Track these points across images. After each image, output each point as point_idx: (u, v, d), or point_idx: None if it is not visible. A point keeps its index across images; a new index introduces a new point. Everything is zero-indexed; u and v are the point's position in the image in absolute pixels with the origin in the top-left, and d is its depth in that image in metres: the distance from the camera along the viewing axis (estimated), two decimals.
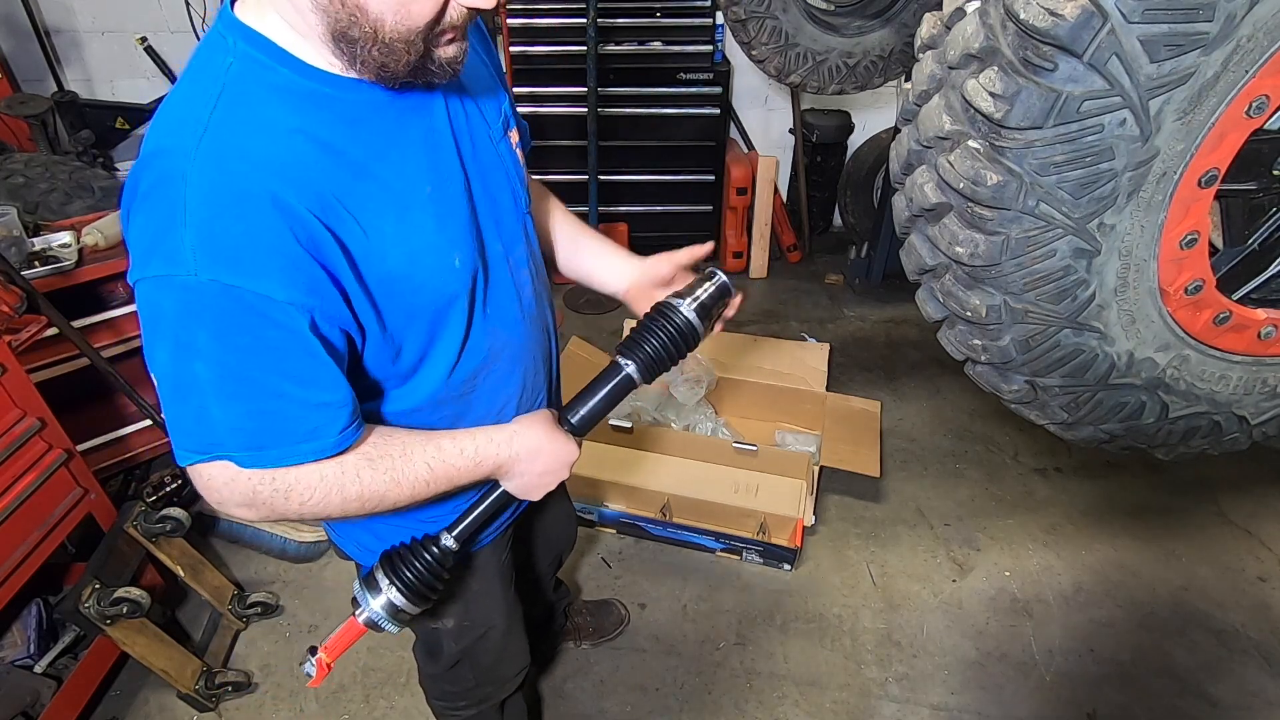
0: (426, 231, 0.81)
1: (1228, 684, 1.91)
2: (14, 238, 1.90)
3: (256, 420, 0.74)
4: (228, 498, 0.78)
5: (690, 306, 0.99)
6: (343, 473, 0.80)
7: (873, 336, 3.24)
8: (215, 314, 0.68)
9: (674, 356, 1.00)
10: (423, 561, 0.92)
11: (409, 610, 0.91)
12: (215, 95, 0.70)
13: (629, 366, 0.98)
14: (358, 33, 0.69)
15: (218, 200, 0.67)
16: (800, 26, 2.68)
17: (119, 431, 2.24)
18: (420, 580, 0.91)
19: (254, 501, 0.78)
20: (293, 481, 0.78)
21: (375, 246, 0.77)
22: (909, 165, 1.20)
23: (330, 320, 0.75)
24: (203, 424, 0.74)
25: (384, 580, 0.91)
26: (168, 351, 0.71)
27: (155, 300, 0.69)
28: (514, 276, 0.96)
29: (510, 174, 0.95)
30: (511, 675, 1.36)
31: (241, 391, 0.72)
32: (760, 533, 2.16)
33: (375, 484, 0.82)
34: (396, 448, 0.84)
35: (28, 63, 3.38)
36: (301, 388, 0.74)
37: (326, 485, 0.79)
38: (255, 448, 0.74)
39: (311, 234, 0.71)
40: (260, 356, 0.71)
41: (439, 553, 0.93)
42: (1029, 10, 0.89)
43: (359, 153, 0.75)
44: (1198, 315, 1.15)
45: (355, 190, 0.75)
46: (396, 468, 0.83)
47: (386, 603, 0.90)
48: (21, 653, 1.72)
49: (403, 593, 0.90)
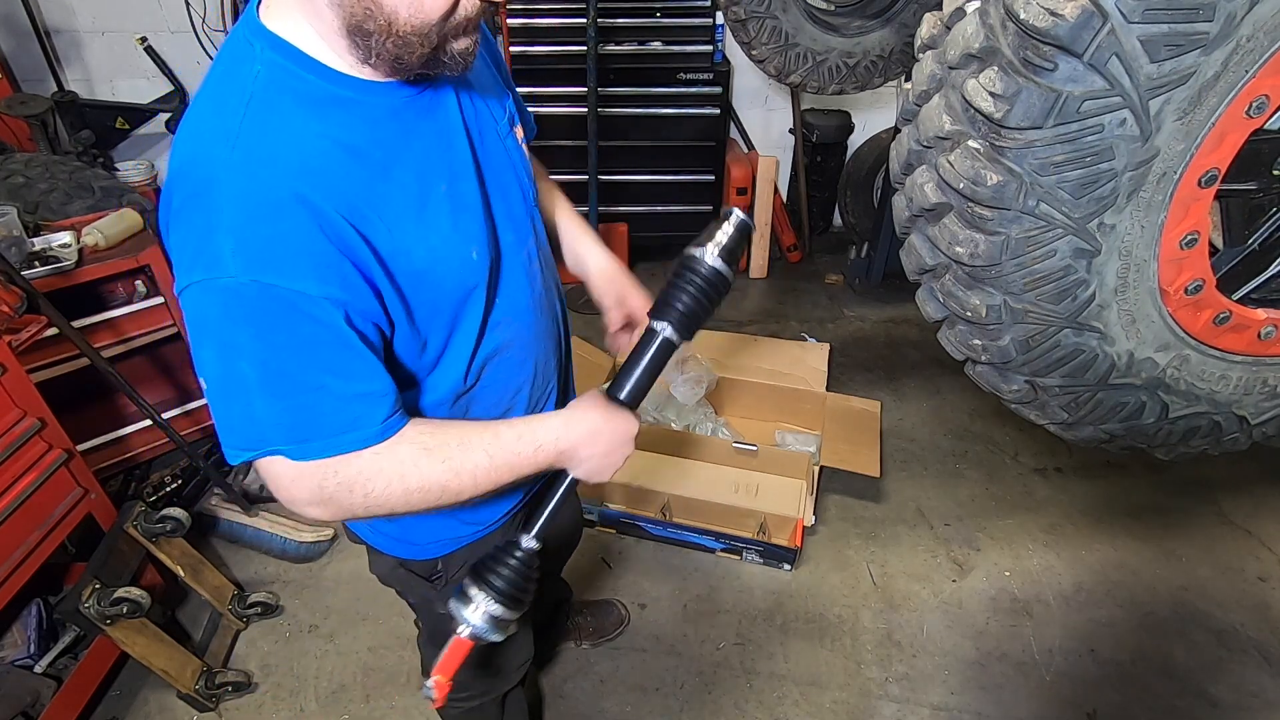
0: (444, 227, 0.83)
1: (1228, 684, 1.91)
2: (14, 238, 1.90)
3: (299, 414, 0.76)
4: (297, 495, 0.80)
5: (714, 254, 0.95)
6: (400, 463, 0.81)
7: (873, 336, 3.24)
8: (256, 313, 0.71)
9: (708, 309, 0.97)
10: (510, 568, 0.92)
11: (508, 618, 0.91)
12: (244, 104, 0.72)
13: (665, 329, 0.97)
14: (373, 26, 0.71)
15: (251, 205, 0.70)
16: (800, 26, 2.68)
17: (119, 431, 2.24)
18: (513, 586, 0.91)
19: (321, 498, 0.80)
20: (354, 475, 0.79)
21: (400, 244, 0.79)
22: (909, 165, 1.20)
23: (364, 315, 0.77)
24: (250, 420, 0.76)
25: (478, 594, 0.90)
26: (214, 352, 0.74)
27: (200, 305, 0.72)
28: (526, 267, 0.98)
29: (517, 168, 0.97)
30: (515, 667, 1.37)
31: (284, 387, 0.74)
32: (760, 533, 2.16)
33: (435, 474, 0.82)
34: (453, 438, 0.85)
35: (28, 63, 3.38)
36: (341, 380, 0.76)
37: (387, 477, 0.80)
38: (300, 440, 0.76)
39: (340, 234, 0.73)
40: (300, 351, 0.73)
41: (524, 555, 0.93)
42: (1029, 10, 0.89)
43: (380, 154, 0.78)
44: (1198, 315, 1.16)
45: (378, 191, 0.77)
46: (454, 457, 0.83)
47: (485, 615, 0.90)
48: (21, 653, 1.72)
49: (499, 602, 0.90)
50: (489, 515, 1.14)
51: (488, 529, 1.14)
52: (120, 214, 2.14)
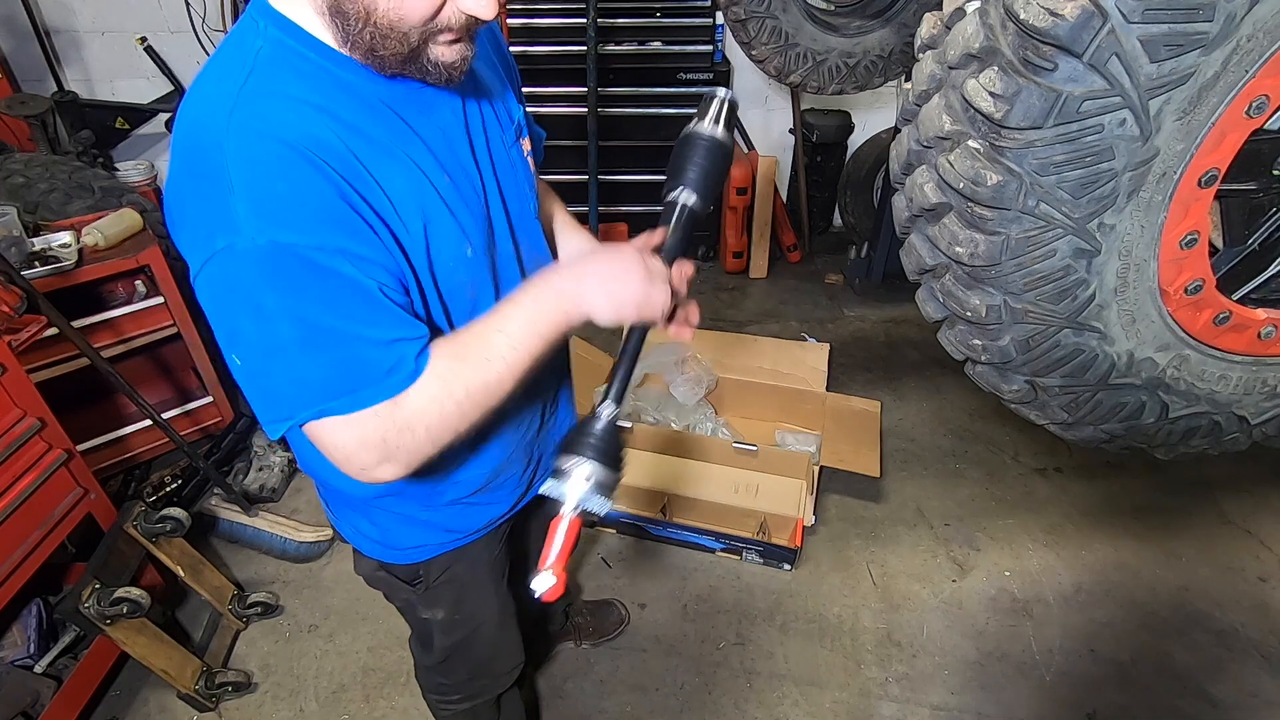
0: (442, 219, 0.83)
1: (1228, 684, 1.91)
2: (14, 238, 1.90)
3: (344, 365, 0.75)
4: (367, 460, 0.78)
5: (710, 125, 0.95)
6: (443, 381, 0.79)
7: (873, 336, 3.23)
8: (282, 273, 0.70)
9: (719, 171, 0.97)
10: (597, 433, 0.89)
11: (610, 480, 0.87)
12: (245, 75, 0.73)
13: (684, 196, 0.96)
14: (350, 9, 0.71)
15: (258, 164, 0.69)
16: (800, 26, 2.68)
17: (119, 431, 2.24)
18: (608, 446, 0.88)
19: (390, 451, 0.78)
20: (409, 415, 0.78)
21: (402, 216, 0.79)
22: (909, 165, 1.20)
23: (380, 267, 0.76)
24: (297, 381, 0.75)
25: (573, 464, 0.87)
26: (249, 320, 0.72)
27: (227, 275, 0.71)
28: (525, 275, 0.98)
29: (520, 178, 0.97)
30: (505, 671, 1.37)
31: (325, 340, 0.73)
32: (760, 533, 2.16)
33: (475, 374, 0.81)
34: (467, 335, 0.83)
35: (28, 63, 3.38)
36: (374, 328, 0.75)
37: (439, 400, 0.79)
38: (349, 392, 0.75)
39: (344, 191, 0.73)
40: (330, 305, 0.73)
41: (607, 419, 0.90)
42: (1029, 10, 0.89)
43: (383, 135, 0.78)
44: (1198, 315, 1.16)
45: (379, 163, 0.77)
46: (480, 351, 0.81)
47: (590, 482, 0.86)
48: (21, 653, 1.72)
49: (600, 464, 0.87)
50: (471, 524, 1.13)
51: (468, 538, 1.14)
52: (120, 214, 2.14)
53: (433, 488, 1.04)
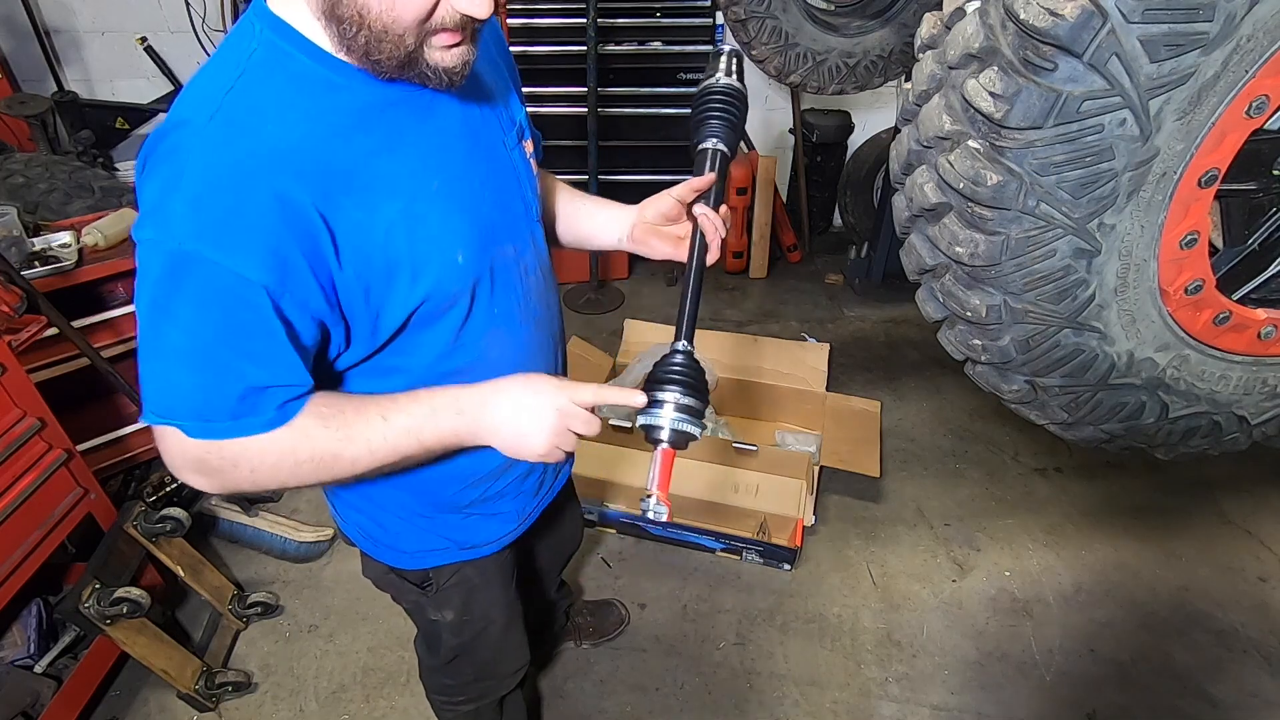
0: (431, 223, 0.82)
1: (1228, 684, 1.91)
2: (14, 238, 1.90)
3: (210, 392, 0.75)
4: (181, 464, 0.79)
5: (725, 75, 1.01)
6: (294, 436, 0.79)
7: (873, 336, 3.24)
8: (191, 283, 0.70)
9: (741, 118, 1.02)
10: (678, 366, 0.91)
11: (698, 406, 0.90)
12: (235, 78, 0.73)
13: (711, 142, 1.00)
14: (344, 13, 0.71)
15: (213, 178, 0.69)
16: (800, 26, 2.68)
17: (119, 431, 2.24)
18: (691, 377, 0.91)
19: (204, 469, 0.79)
20: (240, 452, 0.78)
21: (379, 225, 0.78)
22: (909, 165, 1.20)
23: (301, 307, 0.75)
24: (165, 387, 0.75)
25: (662, 394, 0.90)
26: (146, 310, 0.73)
27: (145, 261, 0.72)
28: (523, 281, 0.97)
29: (522, 181, 0.96)
30: (510, 672, 1.37)
31: (203, 362, 0.74)
32: (760, 533, 2.16)
33: (329, 444, 0.80)
34: (350, 405, 0.82)
35: (28, 63, 3.38)
36: (258, 368, 0.75)
37: (279, 450, 0.79)
38: (203, 419, 0.76)
39: (301, 219, 0.72)
40: (225, 333, 0.73)
41: (682, 354, 0.93)
42: (1029, 10, 0.89)
43: (370, 141, 0.77)
44: (1198, 315, 1.16)
45: (359, 175, 0.76)
46: (350, 424, 0.81)
47: (678, 409, 0.89)
48: (21, 653, 1.72)
49: (686, 393, 0.89)
50: (477, 537, 1.12)
51: (477, 551, 1.14)
52: (120, 214, 2.14)
53: (424, 485, 1.02)
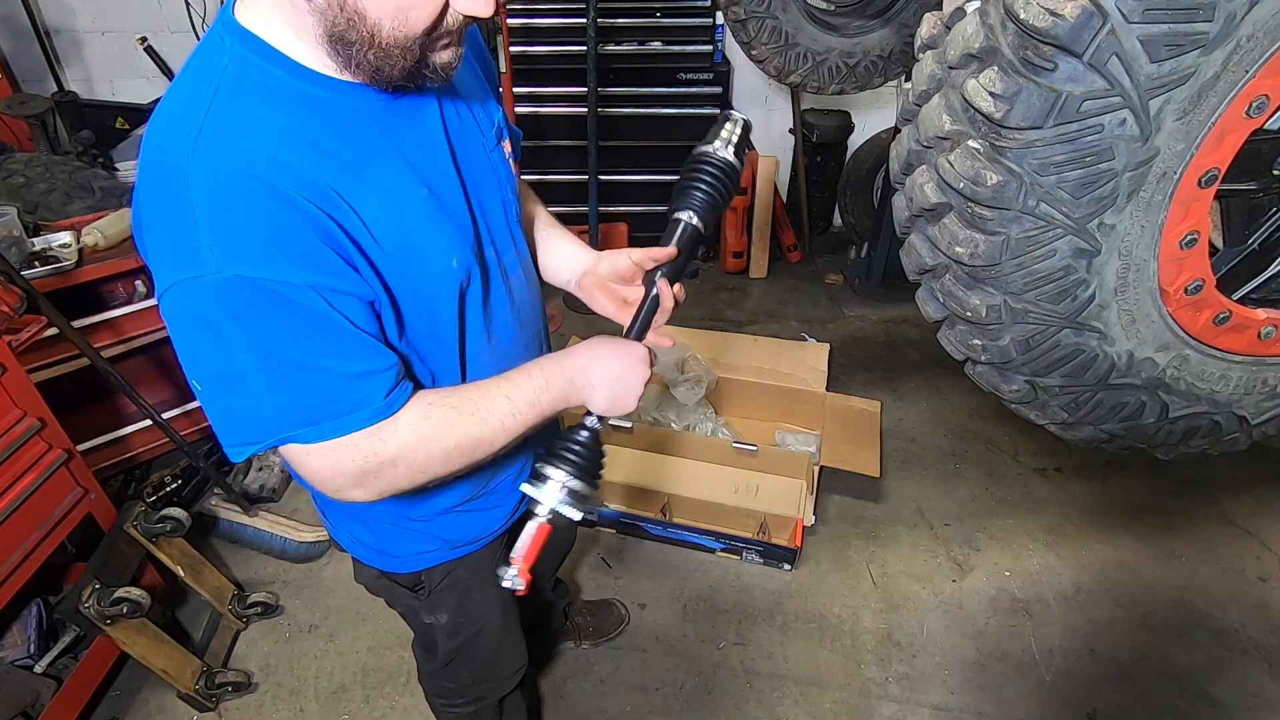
0: (424, 232, 0.82)
1: (1228, 684, 1.91)
2: (14, 238, 1.90)
3: (307, 397, 0.75)
4: (341, 483, 0.80)
5: (724, 149, 0.98)
6: (436, 426, 0.82)
7: (873, 336, 3.24)
8: (246, 307, 0.70)
9: (725, 196, 0.99)
10: (580, 443, 0.92)
11: (585, 491, 0.91)
12: (210, 96, 0.71)
13: (686, 216, 0.98)
14: (354, 36, 0.69)
15: (222, 198, 0.69)
16: (800, 26, 2.68)
17: (119, 431, 2.24)
18: (587, 459, 0.91)
19: (364, 481, 0.80)
20: (396, 451, 0.80)
21: (376, 241, 0.78)
22: (909, 165, 1.20)
23: (352, 297, 0.76)
24: (258, 411, 0.75)
25: (553, 470, 0.90)
26: (210, 349, 0.73)
27: (188, 303, 0.71)
28: (506, 283, 0.97)
29: (502, 182, 0.96)
30: (508, 674, 1.36)
31: (288, 374, 0.74)
32: (760, 533, 2.16)
33: (467, 427, 0.83)
34: (474, 392, 0.86)
35: (28, 63, 3.38)
36: (342, 360, 0.75)
37: (427, 444, 0.81)
38: (313, 423, 0.76)
39: (315, 220, 0.72)
40: (295, 339, 0.73)
41: (589, 432, 0.93)
42: (1029, 10, 0.89)
43: (352, 154, 0.76)
44: (1198, 315, 1.15)
45: (352, 187, 0.76)
46: (480, 408, 0.84)
47: (563, 489, 0.90)
48: (21, 653, 1.72)
49: (576, 475, 0.90)
50: (469, 533, 1.12)
51: (469, 548, 1.14)
52: (120, 214, 2.14)
53: (424, 496, 1.02)
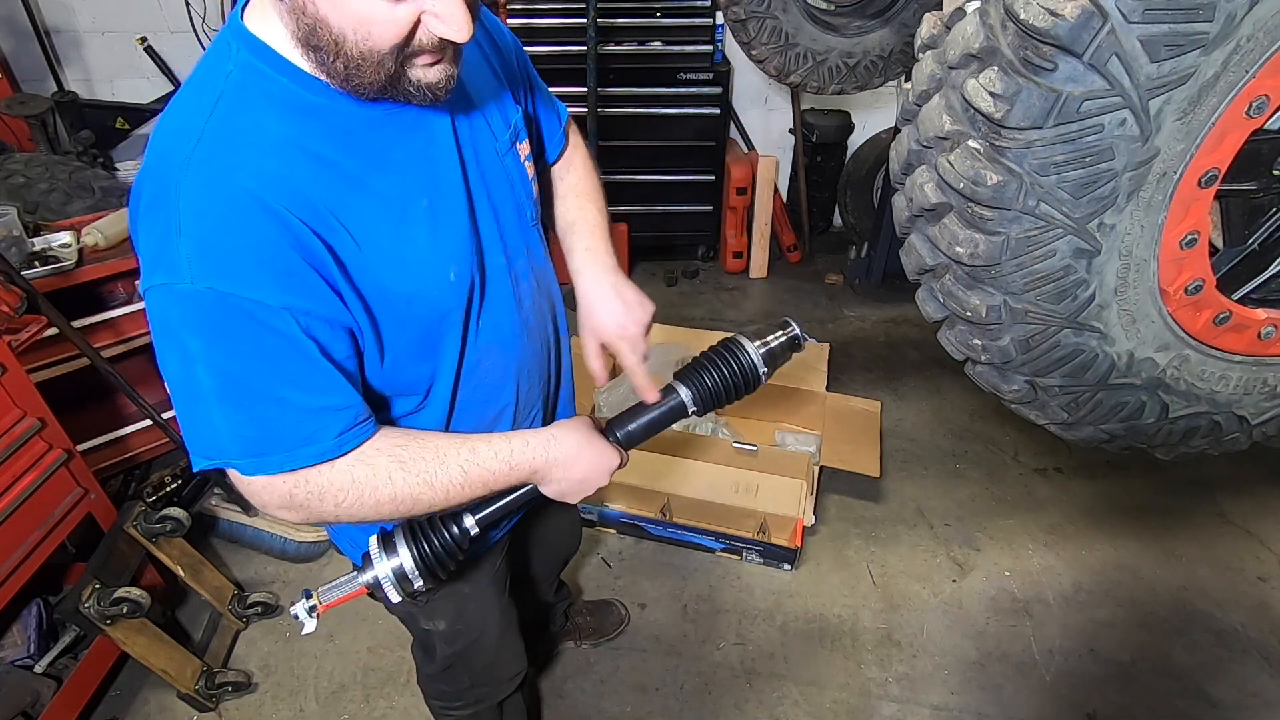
0: (421, 245, 0.81)
1: (1228, 684, 1.91)
2: (14, 238, 1.90)
3: (256, 426, 0.74)
4: (268, 501, 0.80)
5: (758, 350, 0.98)
6: (374, 475, 0.80)
7: (873, 336, 3.24)
8: (213, 322, 0.70)
9: (731, 395, 0.99)
10: (441, 538, 0.90)
11: (413, 581, 0.89)
12: (212, 103, 0.71)
13: (683, 393, 0.98)
14: (319, 42, 0.69)
15: (210, 210, 0.69)
16: (800, 26, 2.68)
17: (119, 431, 2.24)
18: (435, 555, 0.89)
19: (292, 504, 0.80)
20: (325, 485, 0.79)
21: (369, 257, 0.77)
22: (909, 165, 1.20)
23: (328, 324, 0.75)
24: (209, 430, 0.75)
25: (402, 546, 0.88)
26: (174, 357, 0.73)
27: (160, 309, 0.71)
28: (515, 290, 0.96)
29: (516, 187, 0.95)
30: (507, 678, 1.36)
31: (241, 397, 0.73)
32: (760, 533, 2.16)
33: (408, 486, 0.82)
34: (429, 450, 0.84)
35: (28, 63, 3.38)
36: (300, 392, 0.74)
37: (359, 488, 0.80)
38: (256, 454, 0.75)
39: (302, 240, 0.72)
40: (258, 362, 0.72)
41: (459, 533, 0.91)
42: (1029, 10, 0.89)
43: (353, 165, 0.76)
44: (1198, 315, 1.15)
45: (348, 202, 0.75)
46: (429, 470, 0.83)
47: (397, 567, 0.88)
48: (21, 653, 1.72)
49: (416, 562, 0.88)
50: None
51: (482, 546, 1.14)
52: (120, 214, 2.14)
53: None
